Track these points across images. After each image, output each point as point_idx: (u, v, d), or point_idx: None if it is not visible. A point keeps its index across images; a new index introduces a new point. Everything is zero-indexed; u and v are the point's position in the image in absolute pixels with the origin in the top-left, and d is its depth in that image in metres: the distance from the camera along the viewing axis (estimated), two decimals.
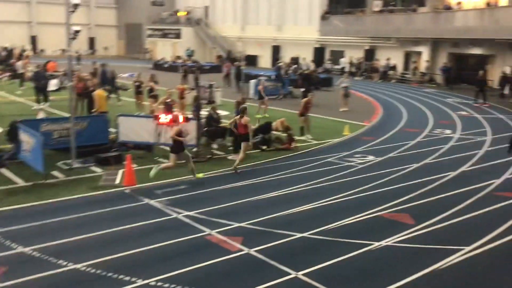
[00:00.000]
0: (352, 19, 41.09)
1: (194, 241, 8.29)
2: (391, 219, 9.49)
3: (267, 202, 10.41)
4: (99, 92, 16.67)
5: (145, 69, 38.69)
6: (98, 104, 16.31)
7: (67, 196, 10.41)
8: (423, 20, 35.21)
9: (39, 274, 6.94)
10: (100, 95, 16.59)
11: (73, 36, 12.21)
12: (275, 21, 49.66)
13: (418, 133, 18.29)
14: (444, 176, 12.57)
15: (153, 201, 10.21)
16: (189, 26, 55.04)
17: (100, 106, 16.33)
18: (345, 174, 12.71)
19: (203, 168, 12.87)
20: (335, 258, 7.66)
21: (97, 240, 8.24)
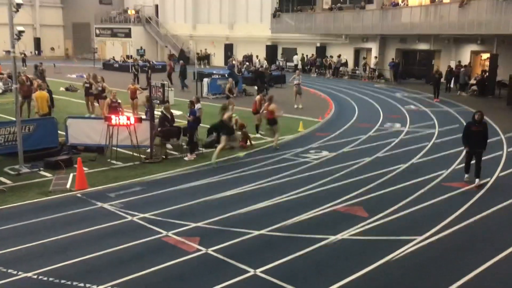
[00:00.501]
0: (303, 17, 41.53)
1: (151, 243, 8.17)
2: (346, 212, 9.67)
3: (223, 201, 10.39)
4: (40, 94, 16.15)
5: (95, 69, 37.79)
6: (39, 106, 15.83)
7: (15, 203, 10.04)
8: (371, 17, 36.00)
9: None
10: (41, 97, 16.09)
11: (17, 37, 11.76)
12: (227, 19, 49.55)
13: (369, 128, 18.70)
14: (395, 169, 12.92)
15: (107, 205, 9.99)
16: (139, 24, 54.11)
17: (41, 108, 15.85)
18: (301, 170, 12.84)
19: (158, 169, 12.71)
20: (292, 253, 7.73)
21: (49, 246, 7.98)
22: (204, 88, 26.88)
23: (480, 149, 11.42)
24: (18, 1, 11.56)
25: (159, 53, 55.47)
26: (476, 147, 11.38)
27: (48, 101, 16.49)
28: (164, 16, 55.65)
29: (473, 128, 11.43)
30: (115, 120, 12.83)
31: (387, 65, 37.88)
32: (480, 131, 11.38)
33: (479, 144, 11.38)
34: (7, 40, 13.16)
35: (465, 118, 20.58)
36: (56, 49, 62.08)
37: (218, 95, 26.50)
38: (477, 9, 26.99)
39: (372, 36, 38.02)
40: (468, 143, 11.47)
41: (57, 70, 37.02)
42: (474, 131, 11.39)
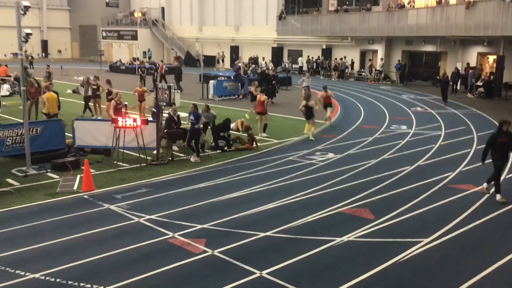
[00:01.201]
0: (309, 19, 41.57)
1: (157, 244, 8.20)
2: (352, 214, 9.66)
3: (229, 202, 10.40)
4: (50, 94, 16.28)
5: (101, 72, 37.99)
6: (49, 106, 15.95)
7: (23, 204, 10.09)
8: (377, 19, 35.98)
9: None
10: (51, 97, 16.21)
11: (25, 40, 11.84)
12: (233, 22, 49.67)
13: (375, 130, 18.68)
14: (401, 170, 12.89)
15: (113, 206, 10.03)
16: (146, 27, 54.34)
17: (52, 108, 15.98)
18: (306, 172, 12.84)
19: (164, 171, 12.75)
20: (298, 255, 7.73)
21: (57, 247, 8.02)
22: (210, 90, 26.95)
23: (504, 162, 10.68)
24: (26, 3, 11.65)
25: (165, 55, 55.63)
26: (501, 159, 10.52)
27: (58, 101, 16.61)
28: (170, 18, 55.86)
29: (500, 139, 10.39)
30: (121, 122, 12.88)
31: (393, 67, 37.84)
32: (505, 142, 10.38)
33: (504, 157, 10.56)
34: (14, 42, 13.26)
35: (471, 120, 20.54)
36: (63, 52, 62.50)
37: (224, 97, 26.55)
38: (483, 10, 26.91)
39: (378, 38, 37.98)
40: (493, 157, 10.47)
41: (64, 72, 37.20)
42: (500, 143, 10.37)
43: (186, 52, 52.82)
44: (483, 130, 18.25)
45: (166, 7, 55.97)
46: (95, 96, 19.42)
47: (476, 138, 17.06)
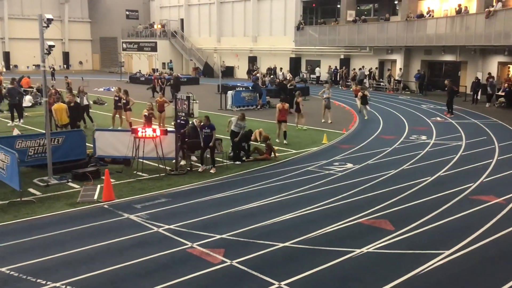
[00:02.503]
0: (327, 29, 41.63)
1: (176, 254, 8.23)
2: (371, 225, 9.58)
3: (248, 212, 10.40)
4: (58, 105, 16.51)
5: (121, 83, 38.50)
6: (57, 117, 16.19)
7: (44, 214, 10.24)
8: (395, 28, 35.87)
9: None
10: (60, 108, 16.43)
11: (47, 51, 12.07)
12: (251, 32, 49.97)
13: (394, 140, 18.54)
14: (422, 181, 12.75)
15: (133, 216, 10.11)
16: (165, 38, 54.99)
17: (60, 119, 16.20)
18: (325, 182, 12.79)
19: (183, 181, 12.82)
20: (317, 266, 7.68)
21: (77, 257, 8.11)
22: (228, 101, 27.08)
23: None
24: (49, 16, 11.90)
25: (184, 66, 56.20)
26: None
27: (67, 112, 16.78)
28: (189, 30, 56.46)
29: None
30: (141, 132, 13.02)
31: (412, 77, 37.59)
32: None
33: None
34: (36, 54, 13.54)
35: (492, 130, 20.25)
36: (84, 63, 63.53)
37: (242, 107, 26.64)
38: (504, 19, 26.62)
39: (396, 47, 37.80)
40: None
41: (84, 83, 37.75)
42: None
43: (204, 63, 53.25)
44: (505, 141, 17.98)
45: (185, 19, 56.61)
46: (117, 107, 19.67)
47: (498, 149, 16.81)
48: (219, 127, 19.12)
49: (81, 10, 63.16)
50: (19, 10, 57.60)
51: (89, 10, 63.66)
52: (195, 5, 55.60)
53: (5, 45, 56.90)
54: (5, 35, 56.61)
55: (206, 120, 14.03)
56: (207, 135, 13.82)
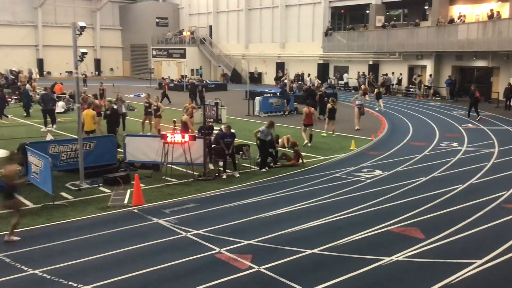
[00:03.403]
0: (355, 35, 41.38)
1: (204, 259, 8.27)
2: (401, 233, 9.44)
3: (275, 219, 10.39)
4: (86, 112, 16.80)
5: (151, 89, 39.03)
6: (85, 123, 16.43)
7: (76, 217, 10.45)
8: (426, 34, 35.40)
9: None
10: (87, 114, 16.70)
11: (80, 58, 12.35)
12: (279, 39, 50.06)
13: (425, 147, 18.25)
14: (453, 189, 12.51)
15: (162, 220, 10.22)
16: (194, 45, 55.59)
17: (85, 125, 16.42)
18: (353, 189, 12.68)
19: (211, 186, 12.90)
20: (345, 274, 7.61)
21: (107, 260, 8.24)
22: (256, 107, 27.15)
23: None
24: (82, 24, 12.18)
25: (212, 72, 56.68)
26: None
27: (94, 118, 17.11)
28: (217, 36, 56.94)
29: None
30: (170, 138, 13.18)
31: (442, 83, 36.99)
32: None
33: None
34: (69, 61, 13.89)
35: None
36: (115, 70, 64.72)
37: (269, 114, 26.68)
38: None
39: (427, 53, 37.29)
40: None
41: (115, 90, 38.44)
42: None
43: (232, 69, 53.59)
44: None
45: (214, 26, 57.13)
46: (147, 113, 19.95)
47: None
48: (246, 132, 19.26)
49: (113, 18, 64.47)
50: (52, 18, 59.14)
51: (120, 18, 64.92)
52: (224, 12, 56.07)
53: (39, 52, 58.45)
54: (39, 43, 58.17)
55: (228, 129, 14.18)
56: (228, 143, 13.94)
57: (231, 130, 14.31)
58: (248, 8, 52.98)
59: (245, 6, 52.89)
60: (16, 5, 56.62)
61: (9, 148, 11.53)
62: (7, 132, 20.70)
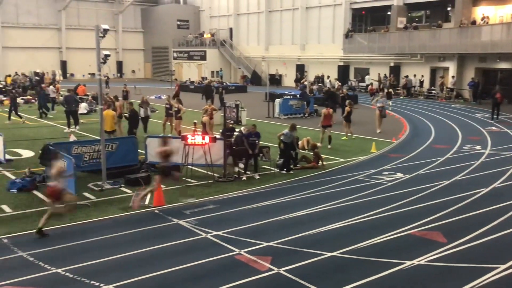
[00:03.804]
0: (376, 36, 41.07)
1: (224, 261, 8.30)
2: (423, 237, 9.33)
3: (295, 221, 10.38)
4: (106, 112, 17.00)
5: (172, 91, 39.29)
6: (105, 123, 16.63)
7: (98, 217, 10.58)
8: (448, 35, 34.94)
9: None
10: (107, 115, 16.91)
11: (103, 61, 12.51)
12: (299, 41, 49.99)
13: (447, 150, 18.02)
14: (476, 192, 12.32)
15: (182, 221, 10.28)
16: (214, 47, 55.86)
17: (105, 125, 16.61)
18: (374, 192, 12.58)
19: (231, 188, 12.94)
20: (366, 277, 7.55)
21: (129, 260, 8.33)
22: (276, 109, 27.15)
23: None
24: (105, 27, 12.35)
25: (232, 74, 56.87)
26: None
27: (115, 118, 17.35)
28: (237, 38, 57.13)
29: None
30: (190, 139, 13.26)
31: (465, 85, 36.47)
32: None
33: None
34: (92, 63, 14.10)
35: None
36: (137, 72, 65.43)
37: (289, 116, 26.65)
38: None
39: (449, 55, 36.81)
40: None
41: (137, 91, 38.85)
42: None
43: (252, 71, 53.70)
44: None
45: (234, 28, 57.32)
46: (168, 115, 20.12)
47: None
48: (266, 134, 19.25)
49: (134, 21, 65.20)
50: (76, 21, 60.07)
51: (142, 20, 65.62)
52: (244, 14, 56.25)
53: (63, 54, 59.43)
54: (63, 45, 59.15)
55: (254, 128, 14.21)
56: (253, 142, 13.96)
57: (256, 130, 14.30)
58: (269, 10, 53.03)
59: (266, 8, 52.96)
60: (40, 8, 57.70)
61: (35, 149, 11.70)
62: (31, 133, 21.08)
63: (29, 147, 17.75)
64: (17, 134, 20.53)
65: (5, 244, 9.01)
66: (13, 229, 9.73)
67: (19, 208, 11.12)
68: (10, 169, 14.56)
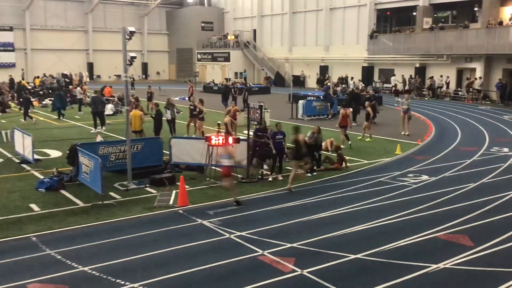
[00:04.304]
0: (401, 37, 40.63)
1: (247, 261, 8.34)
2: (449, 240, 9.20)
3: (318, 222, 10.35)
4: (134, 112, 17.25)
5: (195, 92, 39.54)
6: (132, 123, 16.87)
7: (123, 217, 10.74)
8: (475, 36, 34.35)
9: None
10: (134, 115, 17.15)
11: (130, 62, 12.68)
12: (323, 42, 49.79)
13: (474, 152, 17.72)
14: (504, 195, 12.09)
15: (206, 221, 10.36)
16: (238, 49, 56.05)
17: (133, 125, 16.86)
18: (398, 194, 12.46)
19: (255, 189, 12.97)
20: (390, 280, 7.49)
21: (153, 259, 8.43)
22: (299, 110, 27.09)
23: None
24: (131, 29, 12.53)
25: (255, 76, 56.96)
26: None
27: (142, 119, 17.61)
28: (261, 40, 57.21)
29: None
30: (214, 140, 13.34)
31: (493, 86, 35.77)
32: None
33: None
34: (118, 65, 14.32)
35: None
36: (161, 73, 66.08)
37: (313, 117, 26.56)
38: None
39: (476, 56, 36.17)
40: None
41: (161, 93, 39.26)
42: None
43: (275, 73, 53.69)
44: None
45: (258, 29, 57.42)
46: (193, 116, 20.28)
47: None
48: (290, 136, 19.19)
49: (160, 23, 65.88)
50: (102, 23, 61.00)
51: (166, 22, 66.27)
52: (268, 15, 56.30)
53: (89, 56, 60.41)
54: (89, 47, 60.12)
55: (280, 126, 14.22)
56: (280, 141, 13.96)
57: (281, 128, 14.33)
58: (292, 11, 52.97)
59: (289, 9, 52.90)
60: (68, 11, 58.78)
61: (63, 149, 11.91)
62: (59, 134, 21.51)
63: (57, 147, 18.12)
64: (45, 135, 20.97)
65: (34, 242, 9.22)
66: (42, 228, 9.95)
67: (47, 207, 11.35)
68: (39, 168, 14.89)
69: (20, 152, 15.91)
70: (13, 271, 7.91)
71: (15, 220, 10.41)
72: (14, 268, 8.05)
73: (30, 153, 15.07)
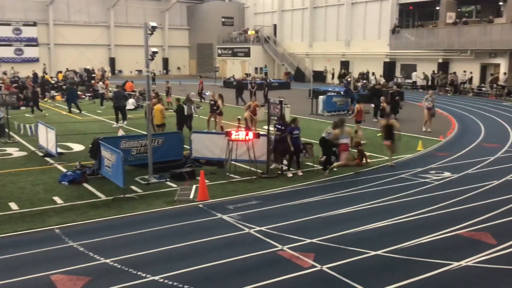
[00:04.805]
0: (424, 32, 40.11)
1: (266, 256, 8.35)
2: (471, 238, 9.08)
3: (338, 218, 10.31)
4: (157, 106, 17.45)
5: (216, 87, 39.72)
6: (155, 117, 17.10)
7: (144, 210, 10.85)
8: (500, 31, 33.74)
9: (120, 285, 7.26)
10: (157, 109, 17.34)
11: (151, 57, 12.78)
12: (344, 37, 49.43)
13: (498, 149, 17.42)
14: None
15: (226, 216, 10.41)
16: (258, 44, 55.99)
17: (156, 119, 17.09)
18: (420, 190, 12.33)
19: (274, 184, 12.97)
20: (411, 278, 7.42)
21: (173, 252, 8.51)
22: (320, 105, 26.97)
23: None
24: (153, 24, 12.62)
25: (276, 71, 56.86)
26: None
27: (163, 113, 17.80)
28: (281, 35, 57.06)
29: None
30: (234, 135, 13.38)
31: None
32: None
33: None
34: (139, 60, 14.45)
35: None
36: (182, 68, 66.44)
37: (333, 113, 26.42)
38: None
39: (501, 51, 35.49)
40: None
41: (181, 88, 39.50)
42: None
43: (296, 68, 53.51)
44: None
45: (278, 24, 57.28)
46: (213, 111, 20.37)
47: None
48: (309, 131, 19.18)
49: (180, 18, 66.22)
50: (124, 18, 61.59)
51: (187, 17, 66.57)
52: (288, 10, 56.11)
53: (111, 51, 61.07)
54: (111, 42, 60.76)
55: (297, 122, 14.20)
56: (297, 137, 13.94)
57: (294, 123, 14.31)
58: (313, 6, 52.68)
59: (310, 4, 52.63)
60: (90, 7, 59.51)
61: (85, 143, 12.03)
62: (81, 128, 21.81)
63: (80, 141, 18.39)
64: (68, 129, 21.29)
65: (57, 234, 9.38)
66: (64, 220, 10.12)
67: (70, 199, 11.54)
68: (62, 162, 15.13)
69: (43, 145, 16.19)
70: (37, 263, 8.07)
71: (38, 213, 10.62)
72: (38, 260, 8.21)
73: (53, 147, 15.32)
